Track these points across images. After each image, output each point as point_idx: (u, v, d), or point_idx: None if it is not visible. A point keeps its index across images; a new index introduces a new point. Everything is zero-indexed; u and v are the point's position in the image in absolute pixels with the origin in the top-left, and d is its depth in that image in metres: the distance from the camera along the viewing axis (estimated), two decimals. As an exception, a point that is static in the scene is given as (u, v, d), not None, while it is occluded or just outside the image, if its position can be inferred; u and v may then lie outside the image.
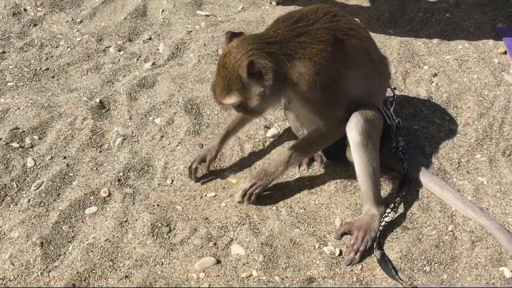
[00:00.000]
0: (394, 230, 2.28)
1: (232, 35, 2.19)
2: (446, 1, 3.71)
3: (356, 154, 2.26)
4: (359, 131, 2.22)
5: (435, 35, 3.40)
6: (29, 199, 2.43)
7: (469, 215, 2.30)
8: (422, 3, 3.72)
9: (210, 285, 2.10)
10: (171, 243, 2.27)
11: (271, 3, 3.84)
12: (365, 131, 2.22)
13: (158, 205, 2.43)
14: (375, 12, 3.65)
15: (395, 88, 3.02)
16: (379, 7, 3.70)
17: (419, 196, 2.42)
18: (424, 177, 2.45)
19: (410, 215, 2.35)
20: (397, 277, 2.08)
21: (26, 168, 2.58)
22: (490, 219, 2.25)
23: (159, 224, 2.33)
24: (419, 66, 3.17)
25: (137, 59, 3.34)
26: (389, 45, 3.33)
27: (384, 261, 2.13)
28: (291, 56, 2.11)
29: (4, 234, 2.29)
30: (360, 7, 3.73)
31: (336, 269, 2.15)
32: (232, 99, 2.13)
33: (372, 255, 2.18)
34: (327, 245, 2.24)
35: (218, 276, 2.13)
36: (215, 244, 2.26)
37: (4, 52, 3.39)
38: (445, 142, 2.69)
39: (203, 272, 2.15)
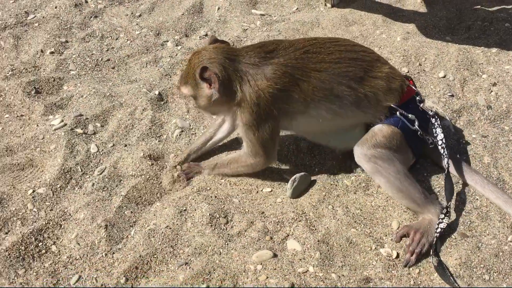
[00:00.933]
0: (453, 237, 2.27)
1: (214, 40, 2.44)
2: (505, 11, 3.66)
3: (376, 180, 2.36)
4: (365, 161, 2.32)
5: (494, 44, 3.36)
6: (93, 183, 2.53)
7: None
8: (480, 11, 3.68)
9: (267, 277, 2.14)
10: (228, 234, 2.32)
11: (325, 5, 3.86)
12: (372, 158, 2.29)
13: (215, 196, 2.49)
14: (431, 18, 3.62)
15: (452, 95, 3.00)
16: (436, 13, 3.68)
17: (478, 205, 2.40)
18: (466, 174, 2.44)
19: (469, 222, 2.33)
20: (456, 284, 2.07)
21: (90, 154, 2.68)
22: None
23: (217, 215, 2.39)
24: (477, 74, 3.13)
25: (194, 54, 3.41)
26: (446, 52, 3.30)
27: (442, 268, 2.13)
28: (244, 80, 2.29)
29: (70, 215, 2.39)
30: (416, 13, 3.72)
31: (393, 271, 2.16)
32: (185, 90, 2.40)
33: (430, 261, 2.18)
34: (383, 247, 2.25)
35: (275, 269, 2.17)
36: (271, 238, 2.30)
37: (67, 41, 3.52)
38: (504, 152, 2.65)
39: (261, 264, 2.18)
